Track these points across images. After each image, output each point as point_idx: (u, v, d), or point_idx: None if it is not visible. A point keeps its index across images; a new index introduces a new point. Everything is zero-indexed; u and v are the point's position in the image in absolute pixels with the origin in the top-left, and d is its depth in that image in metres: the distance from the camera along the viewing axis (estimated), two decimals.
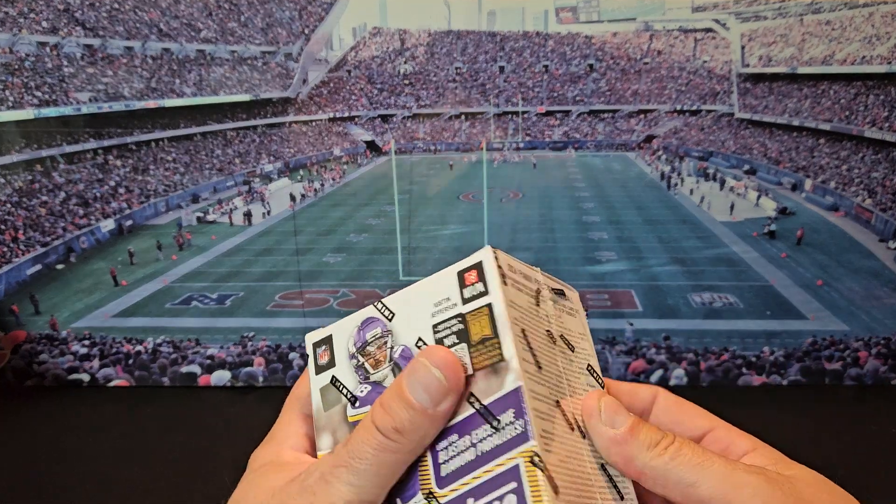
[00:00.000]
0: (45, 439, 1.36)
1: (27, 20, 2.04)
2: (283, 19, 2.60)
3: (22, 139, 2.04)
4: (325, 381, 0.32)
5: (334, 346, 0.32)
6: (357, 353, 0.31)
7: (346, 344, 0.32)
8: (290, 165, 2.76)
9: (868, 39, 2.26)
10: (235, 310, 2.26)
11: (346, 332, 0.32)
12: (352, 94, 2.78)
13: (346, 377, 0.31)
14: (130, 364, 1.77)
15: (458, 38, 2.89)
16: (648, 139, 2.93)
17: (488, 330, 0.27)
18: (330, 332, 0.32)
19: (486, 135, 2.97)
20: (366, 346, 0.31)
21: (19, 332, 1.73)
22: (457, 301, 0.28)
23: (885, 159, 2.22)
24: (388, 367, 0.30)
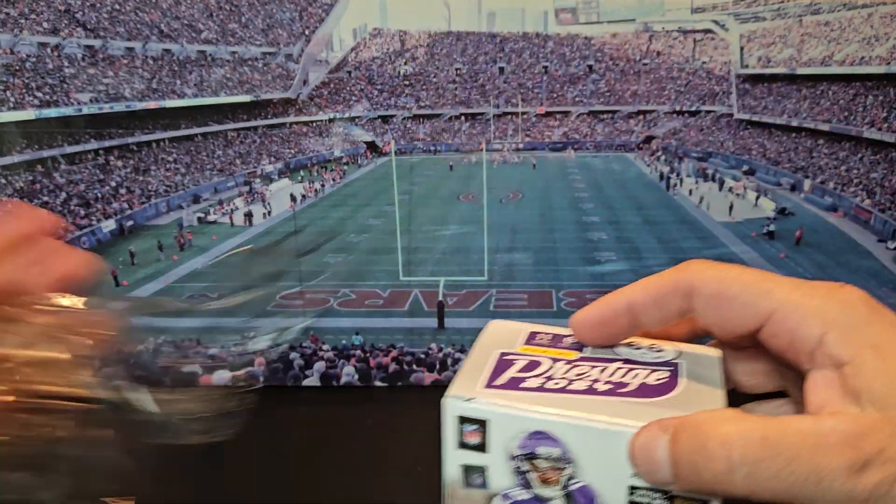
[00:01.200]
0: None
1: (28, 21, 2.04)
2: (283, 20, 2.61)
3: (23, 140, 2.04)
4: (472, 460, 0.27)
5: (490, 433, 0.26)
6: (521, 458, 0.26)
7: (505, 438, 0.26)
8: (291, 166, 2.75)
9: (867, 40, 2.26)
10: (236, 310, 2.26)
11: (507, 427, 0.26)
12: (352, 95, 2.79)
13: (501, 473, 0.26)
14: (131, 364, 1.78)
15: (458, 39, 2.89)
16: (648, 140, 2.93)
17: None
18: (486, 418, 0.26)
19: (486, 135, 2.97)
20: (535, 459, 0.26)
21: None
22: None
23: (884, 160, 2.22)
24: (559, 491, 0.26)
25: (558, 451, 0.25)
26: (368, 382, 1.81)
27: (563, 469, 0.25)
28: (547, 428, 0.25)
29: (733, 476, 0.21)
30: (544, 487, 0.26)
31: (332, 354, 2.38)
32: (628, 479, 0.24)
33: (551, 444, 0.25)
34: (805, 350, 0.24)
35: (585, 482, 0.25)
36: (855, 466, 0.20)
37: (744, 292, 0.24)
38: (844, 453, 0.20)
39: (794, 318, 0.24)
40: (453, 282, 3.43)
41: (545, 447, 0.25)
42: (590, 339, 0.28)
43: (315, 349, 2.16)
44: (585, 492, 0.25)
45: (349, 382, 1.82)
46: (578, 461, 0.25)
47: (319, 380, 1.83)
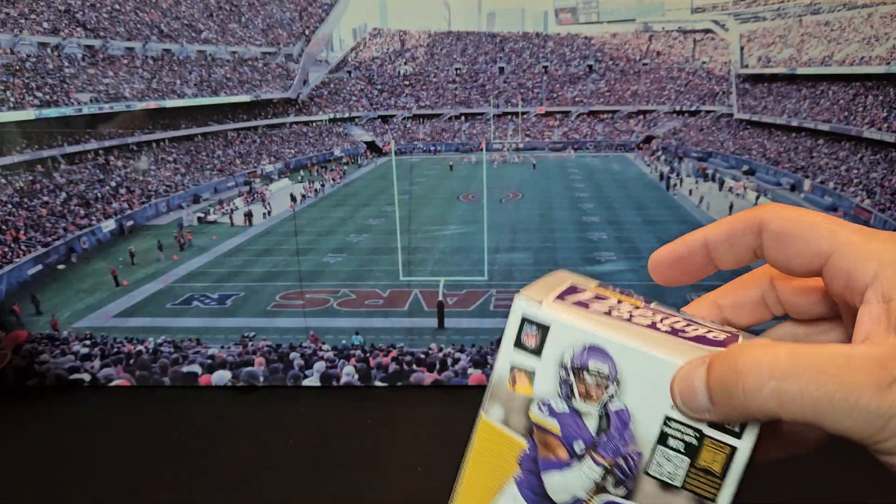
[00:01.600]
0: (45, 439, 1.36)
1: (28, 21, 2.04)
2: (283, 20, 2.61)
3: (23, 140, 2.04)
4: (522, 360, 0.30)
5: (548, 339, 0.29)
6: (570, 369, 0.28)
7: (561, 347, 0.29)
8: (291, 166, 2.76)
9: (867, 40, 2.26)
10: (236, 310, 2.26)
11: (565, 336, 0.28)
12: (352, 95, 2.79)
13: (547, 380, 0.29)
14: (131, 364, 1.78)
15: (457, 39, 2.90)
16: (648, 140, 2.94)
17: (718, 468, 0.26)
18: (549, 323, 0.29)
19: (486, 135, 2.98)
20: (583, 371, 0.28)
21: (20, 333, 1.73)
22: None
23: (884, 160, 2.22)
24: (596, 409, 0.28)
25: (608, 368, 0.27)
26: (368, 382, 1.81)
27: (606, 388, 0.27)
28: (603, 345, 0.27)
29: (761, 391, 0.23)
30: (584, 402, 0.28)
31: (332, 354, 2.38)
32: (666, 409, 0.26)
33: (603, 360, 0.27)
34: (859, 288, 0.26)
35: (624, 405, 0.27)
36: (883, 384, 0.22)
37: (809, 231, 0.27)
38: (873, 372, 0.22)
39: (853, 258, 0.26)
40: (453, 282, 3.44)
41: (596, 362, 0.27)
42: (666, 277, 0.31)
43: (315, 349, 2.16)
44: (622, 415, 0.27)
45: (349, 382, 1.82)
46: (624, 383, 0.27)
47: (319, 380, 1.83)
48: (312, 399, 1.58)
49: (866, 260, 0.26)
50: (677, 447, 0.27)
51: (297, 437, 1.29)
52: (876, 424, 0.22)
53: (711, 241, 0.30)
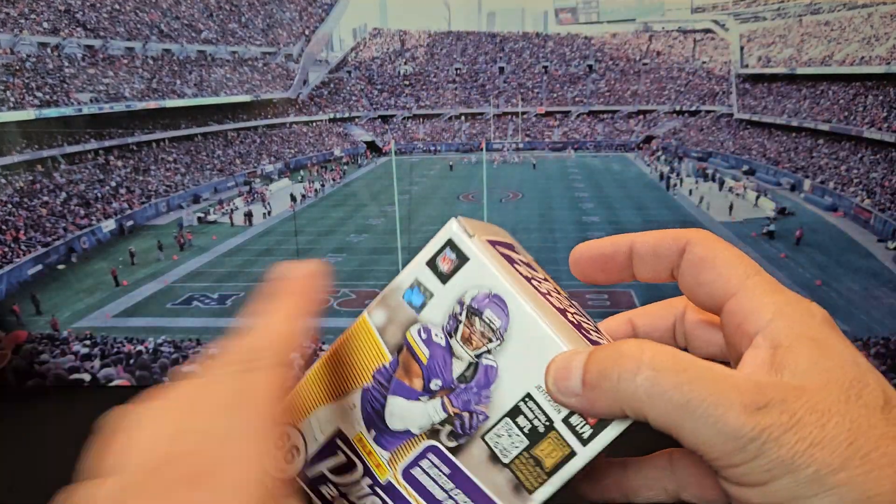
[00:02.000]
0: (46, 439, 1.36)
1: (28, 21, 2.04)
2: (283, 20, 2.61)
3: (23, 140, 2.04)
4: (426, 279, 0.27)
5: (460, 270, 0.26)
6: (466, 308, 0.26)
7: (468, 284, 0.26)
8: (291, 166, 2.76)
9: (867, 40, 2.26)
10: (236, 310, 2.26)
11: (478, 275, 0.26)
12: (352, 95, 2.79)
13: (439, 309, 0.26)
14: (131, 364, 1.78)
15: (457, 39, 2.90)
16: (648, 140, 2.94)
17: (550, 464, 0.24)
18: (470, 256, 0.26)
19: (486, 135, 2.98)
20: (477, 316, 0.26)
21: (20, 333, 1.73)
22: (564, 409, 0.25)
23: (884, 160, 2.22)
24: (470, 356, 0.26)
25: (500, 323, 0.25)
26: None
27: (489, 341, 0.25)
28: (508, 300, 0.25)
29: (635, 378, 0.21)
30: (462, 345, 0.26)
31: None
32: (531, 386, 0.24)
33: (500, 314, 0.25)
34: (750, 332, 0.24)
35: (496, 364, 0.25)
36: (751, 406, 0.20)
37: (725, 265, 0.25)
38: (747, 393, 0.20)
39: (753, 302, 0.24)
40: None
41: (493, 313, 0.25)
42: (583, 271, 0.29)
43: (315, 349, 2.17)
44: (489, 371, 0.25)
45: None
46: (507, 343, 0.25)
47: None
48: None
49: (765, 307, 0.24)
50: (523, 426, 0.25)
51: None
52: (733, 444, 0.20)
53: (637, 248, 0.28)
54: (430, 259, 0.26)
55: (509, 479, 0.24)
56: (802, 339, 0.22)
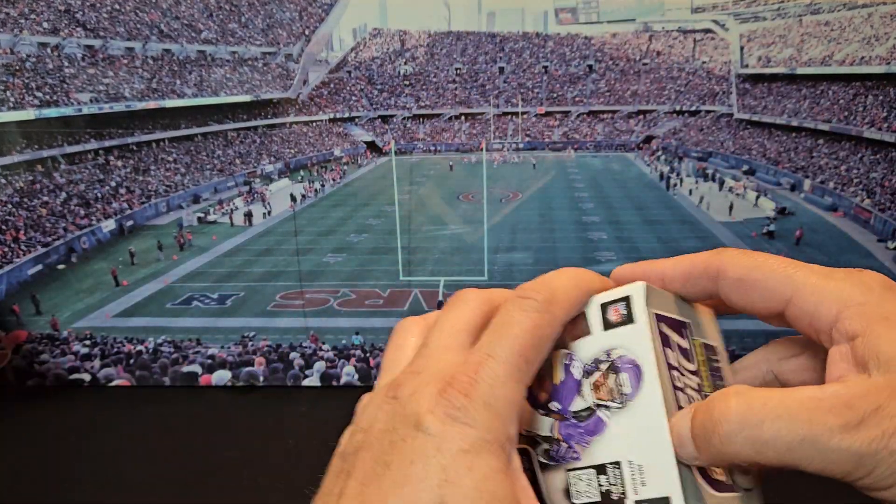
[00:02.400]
0: (46, 439, 1.36)
1: (28, 21, 2.04)
2: (283, 20, 2.61)
3: (23, 139, 2.04)
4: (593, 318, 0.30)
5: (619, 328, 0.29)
6: (609, 362, 0.29)
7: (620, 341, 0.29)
8: (291, 166, 2.76)
9: (867, 40, 2.26)
10: (236, 310, 2.26)
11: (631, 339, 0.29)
12: (352, 95, 2.79)
13: (591, 349, 0.29)
14: (131, 364, 1.78)
15: (457, 38, 2.90)
16: (648, 140, 2.94)
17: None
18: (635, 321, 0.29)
19: (486, 135, 2.98)
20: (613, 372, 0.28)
21: (20, 332, 1.73)
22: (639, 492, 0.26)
23: (884, 160, 2.22)
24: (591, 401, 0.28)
25: (629, 391, 0.28)
26: (368, 382, 1.82)
27: (612, 399, 0.28)
28: (646, 377, 0.28)
29: (736, 439, 0.24)
30: (590, 388, 0.29)
31: (332, 354, 2.38)
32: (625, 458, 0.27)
33: (633, 383, 0.28)
34: (824, 329, 0.26)
35: (608, 422, 0.28)
36: (849, 425, 0.22)
37: (767, 278, 0.28)
38: (840, 413, 0.22)
39: (812, 301, 0.27)
40: (453, 281, 3.44)
41: (628, 378, 0.28)
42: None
43: (315, 349, 2.16)
44: (599, 424, 0.28)
45: (349, 382, 1.82)
46: (626, 410, 0.28)
47: (319, 380, 1.83)
48: (312, 399, 1.58)
49: (826, 300, 0.26)
50: (602, 484, 0.27)
51: (297, 437, 1.29)
52: (850, 463, 0.22)
53: (668, 279, 0.31)
54: (606, 302, 0.30)
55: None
56: (873, 320, 0.25)
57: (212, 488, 1.16)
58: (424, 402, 0.26)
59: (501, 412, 0.26)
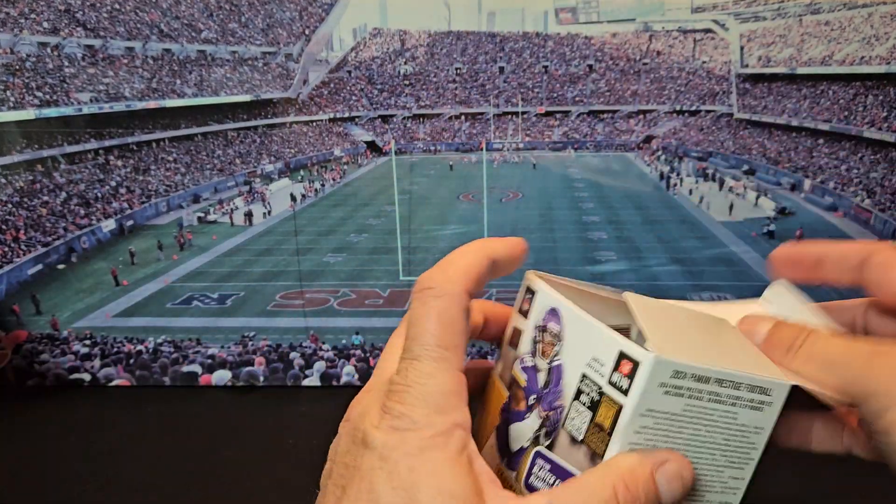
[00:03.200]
0: (46, 439, 1.36)
1: (28, 21, 2.04)
2: (283, 20, 2.61)
3: (23, 139, 2.04)
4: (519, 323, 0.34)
5: (534, 303, 0.33)
6: (538, 328, 0.32)
7: (538, 311, 0.32)
8: (291, 166, 2.76)
9: (867, 40, 2.26)
10: (236, 309, 2.26)
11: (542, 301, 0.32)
12: (352, 95, 2.79)
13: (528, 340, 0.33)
14: (131, 364, 1.78)
15: (458, 38, 2.89)
16: (648, 139, 2.94)
17: (608, 424, 0.28)
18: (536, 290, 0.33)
19: (486, 135, 2.98)
20: (543, 331, 0.31)
21: (20, 332, 1.73)
22: (605, 374, 0.28)
23: (884, 159, 2.22)
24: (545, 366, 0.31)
25: (558, 328, 0.31)
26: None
27: (554, 345, 0.31)
28: (559, 308, 0.31)
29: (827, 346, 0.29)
30: (541, 358, 0.32)
31: (332, 354, 2.38)
32: (584, 366, 0.29)
33: (557, 321, 0.31)
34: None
35: (562, 361, 0.30)
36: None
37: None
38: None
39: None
40: None
41: (553, 322, 0.31)
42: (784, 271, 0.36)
43: (315, 349, 2.16)
44: (557, 370, 0.30)
45: (349, 382, 1.83)
46: (564, 341, 0.30)
47: (319, 380, 1.83)
48: (312, 399, 1.58)
49: None
50: (585, 402, 0.29)
51: (297, 437, 1.29)
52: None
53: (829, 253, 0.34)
54: (518, 306, 0.34)
55: (585, 452, 0.29)
56: None
57: (212, 488, 1.16)
58: (370, 420, 0.27)
59: (440, 404, 0.27)
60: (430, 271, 0.30)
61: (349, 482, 0.26)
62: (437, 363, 0.28)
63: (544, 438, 0.31)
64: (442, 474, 0.25)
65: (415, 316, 0.29)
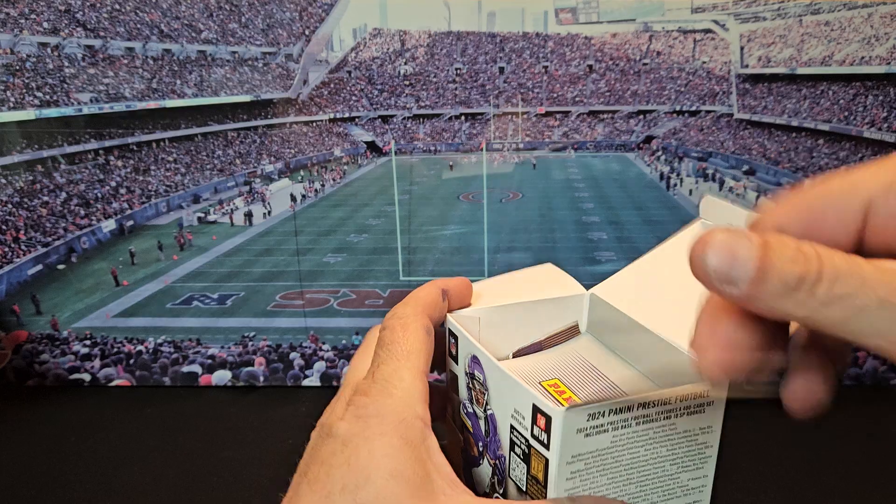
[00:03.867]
0: (46, 439, 1.36)
1: (28, 21, 2.04)
2: (283, 20, 2.61)
3: (23, 140, 2.04)
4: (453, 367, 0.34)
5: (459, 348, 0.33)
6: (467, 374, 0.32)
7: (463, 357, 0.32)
8: (291, 166, 2.76)
9: (867, 40, 2.26)
10: (236, 310, 2.26)
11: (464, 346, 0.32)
12: (352, 95, 2.79)
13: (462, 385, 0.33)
14: (131, 364, 1.78)
15: (457, 38, 2.89)
16: (648, 140, 2.94)
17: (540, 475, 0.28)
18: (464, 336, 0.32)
19: (486, 135, 2.98)
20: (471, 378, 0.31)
21: (20, 332, 1.73)
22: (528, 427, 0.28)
23: None
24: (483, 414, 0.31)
25: (482, 377, 0.30)
26: None
27: (484, 394, 0.30)
28: (479, 355, 0.31)
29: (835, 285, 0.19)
30: (477, 406, 0.31)
31: (332, 354, 2.37)
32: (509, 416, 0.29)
33: (480, 369, 0.30)
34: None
35: (493, 410, 0.30)
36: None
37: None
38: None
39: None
40: None
41: (478, 371, 0.31)
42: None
43: (315, 349, 2.15)
44: (492, 419, 0.30)
45: None
46: (491, 391, 0.30)
47: (319, 380, 1.83)
48: (312, 399, 1.58)
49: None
50: (519, 454, 0.29)
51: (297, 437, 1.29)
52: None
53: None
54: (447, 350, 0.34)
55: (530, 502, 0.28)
56: None
57: (212, 488, 1.16)
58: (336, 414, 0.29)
59: (403, 396, 0.28)
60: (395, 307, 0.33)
61: (309, 468, 0.29)
62: (401, 361, 0.29)
63: (498, 486, 0.31)
64: (398, 458, 0.26)
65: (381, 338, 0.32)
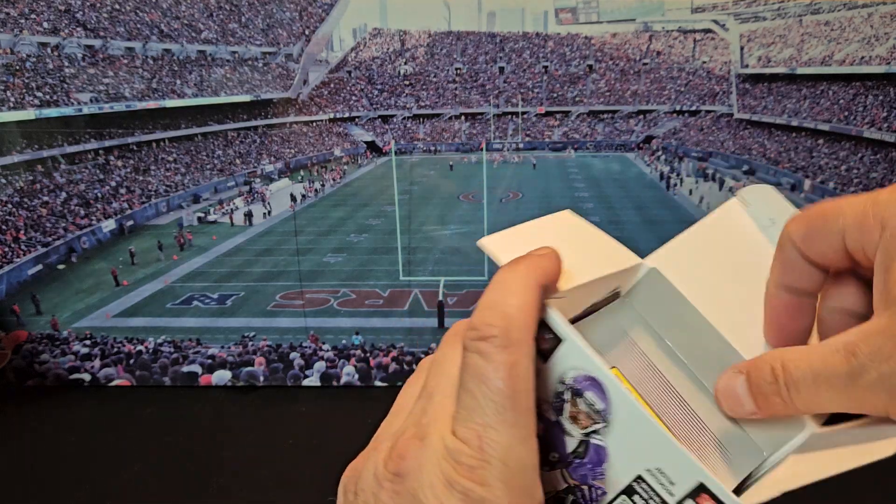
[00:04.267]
0: (46, 439, 1.36)
1: (28, 21, 2.04)
2: (283, 20, 2.61)
3: (23, 139, 2.04)
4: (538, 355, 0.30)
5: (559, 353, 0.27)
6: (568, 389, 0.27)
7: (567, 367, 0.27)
8: (291, 166, 2.76)
9: (867, 40, 2.26)
10: (236, 310, 2.26)
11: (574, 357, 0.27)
12: (352, 95, 2.79)
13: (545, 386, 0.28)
14: (131, 364, 1.78)
15: (457, 38, 2.89)
16: (648, 140, 2.93)
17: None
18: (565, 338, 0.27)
19: (486, 135, 2.97)
20: (578, 396, 0.27)
21: (20, 332, 1.73)
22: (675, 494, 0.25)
23: (884, 160, 2.22)
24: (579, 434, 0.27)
25: (602, 406, 0.27)
26: (368, 382, 1.82)
27: (594, 422, 0.27)
28: (605, 384, 0.26)
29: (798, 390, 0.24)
30: (570, 423, 0.28)
31: (332, 354, 2.37)
32: (642, 469, 0.26)
33: (600, 397, 0.26)
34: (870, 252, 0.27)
35: (605, 444, 0.27)
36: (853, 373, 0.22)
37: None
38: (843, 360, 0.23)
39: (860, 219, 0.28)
40: (453, 281, 3.45)
41: (594, 396, 0.27)
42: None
43: (315, 349, 2.16)
44: (600, 451, 0.27)
45: (349, 382, 1.83)
46: (612, 426, 0.26)
47: (319, 380, 1.84)
48: (312, 399, 1.58)
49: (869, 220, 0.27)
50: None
51: (297, 437, 1.29)
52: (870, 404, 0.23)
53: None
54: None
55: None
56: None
57: (212, 488, 1.16)
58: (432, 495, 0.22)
59: (524, 483, 0.23)
60: (484, 313, 0.25)
61: None
62: (514, 430, 0.23)
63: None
64: None
65: (477, 373, 0.24)
